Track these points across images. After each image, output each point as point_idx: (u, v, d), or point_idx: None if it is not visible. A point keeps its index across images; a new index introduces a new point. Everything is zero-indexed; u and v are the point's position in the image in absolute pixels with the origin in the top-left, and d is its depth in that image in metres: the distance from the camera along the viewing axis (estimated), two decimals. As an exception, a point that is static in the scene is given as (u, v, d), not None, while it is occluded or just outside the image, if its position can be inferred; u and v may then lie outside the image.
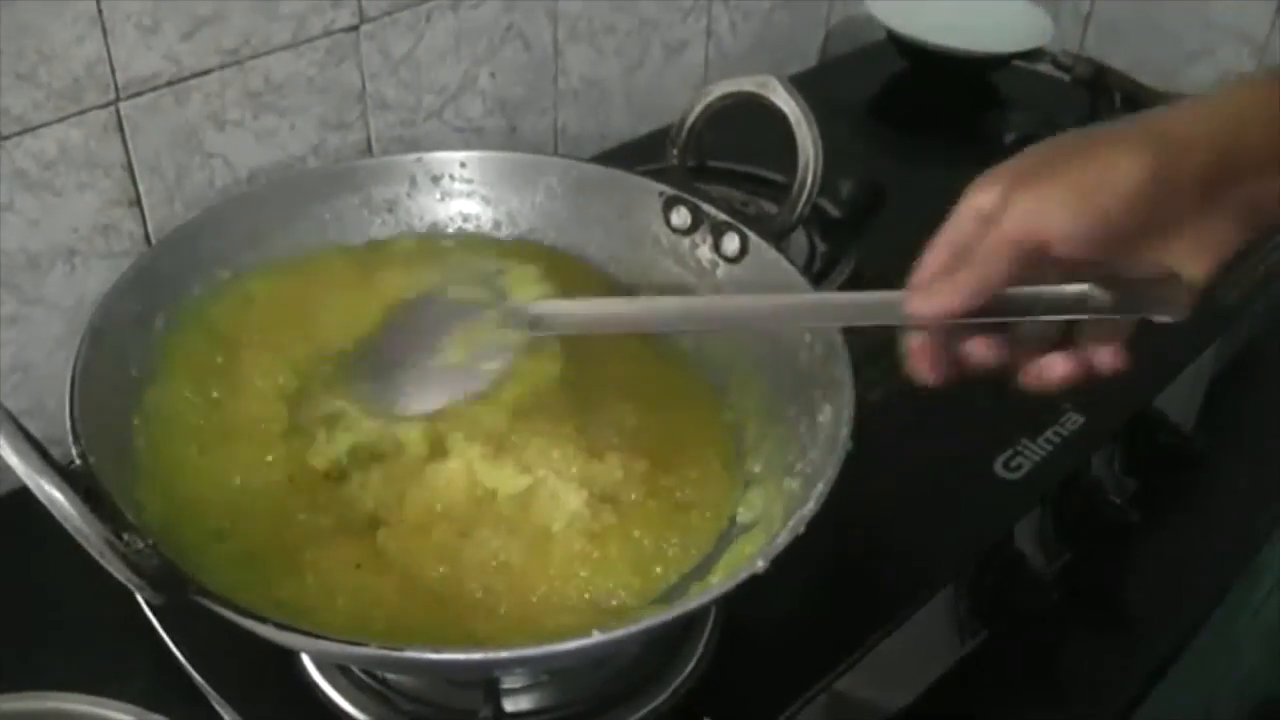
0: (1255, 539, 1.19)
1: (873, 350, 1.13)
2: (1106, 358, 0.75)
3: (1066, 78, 1.62)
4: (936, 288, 0.72)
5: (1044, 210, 0.70)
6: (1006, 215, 0.71)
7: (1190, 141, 0.69)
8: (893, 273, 1.23)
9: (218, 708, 0.86)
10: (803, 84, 1.02)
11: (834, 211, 1.31)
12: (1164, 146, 0.69)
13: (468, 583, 0.80)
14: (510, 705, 0.83)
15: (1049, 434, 1.08)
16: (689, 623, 0.90)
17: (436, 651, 0.69)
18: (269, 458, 0.85)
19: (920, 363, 0.75)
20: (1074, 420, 1.09)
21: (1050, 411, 1.10)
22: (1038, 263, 0.71)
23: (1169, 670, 1.07)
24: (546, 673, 0.87)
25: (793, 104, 1.01)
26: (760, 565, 0.70)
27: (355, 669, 0.87)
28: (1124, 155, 0.69)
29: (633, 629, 0.69)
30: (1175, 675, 1.07)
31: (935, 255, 0.74)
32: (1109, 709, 1.02)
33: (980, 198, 0.72)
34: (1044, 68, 1.67)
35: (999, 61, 1.68)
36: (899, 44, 1.69)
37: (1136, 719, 1.04)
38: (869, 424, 0.80)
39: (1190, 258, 0.71)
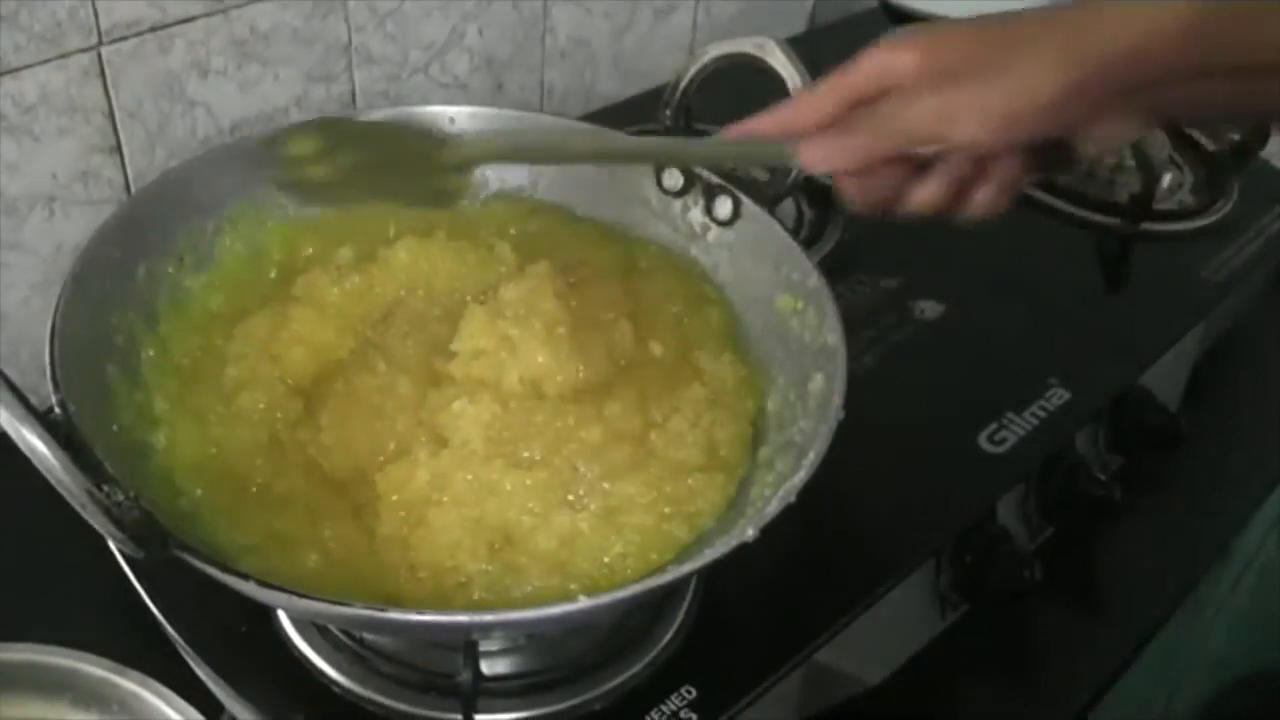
0: (1236, 519, 1.19)
1: (857, 320, 1.13)
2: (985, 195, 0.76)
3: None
4: (828, 145, 0.75)
5: (954, 117, 0.71)
6: (913, 110, 0.72)
7: (1112, 56, 0.68)
8: (879, 240, 1.25)
9: (193, 664, 0.85)
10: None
11: (822, 179, 1.30)
12: (1084, 61, 0.69)
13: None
14: (488, 668, 0.82)
15: (1034, 408, 1.07)
16: (670, 591, 0.90)
17: (420, 613, 0.69)
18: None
19: (846, 189, 0.78)
20: (1060, 395, 1.08)
21: (1036, 386, 1.09)
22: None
23: (1144, 649, 1.07)
24: (526, 637, 0.86)
25: (790, 67, 1.01)
26: (750, 534, 0.69)
27: (334, 629, 0.86)
28: (1044, 70, 0.69)
29: (619, 595, 0.69)
30: (1148, 654, 1.08)
31: (826, 97, 0.76)
32: (1084, 684, 1.02)
33: (892, 62, 0.73)
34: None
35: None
36: (889, 11, 1.68)
37: (1109, 695, 1.04)
38: (853, 394, 0.80)
39: (1088, 141, 0.73)
